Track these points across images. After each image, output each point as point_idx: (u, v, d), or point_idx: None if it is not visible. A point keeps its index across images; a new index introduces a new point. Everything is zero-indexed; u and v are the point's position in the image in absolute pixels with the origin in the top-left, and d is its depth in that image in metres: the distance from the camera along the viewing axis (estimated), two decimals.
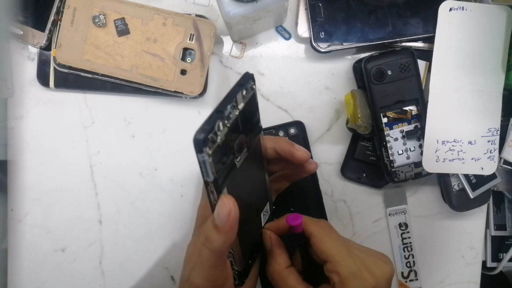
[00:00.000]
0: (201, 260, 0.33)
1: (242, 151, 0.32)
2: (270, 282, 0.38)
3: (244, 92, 0.31)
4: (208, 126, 0.27)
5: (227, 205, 0.29)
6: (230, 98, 0.29)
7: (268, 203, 0.39)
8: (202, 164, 0.28)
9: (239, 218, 0.31)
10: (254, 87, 0.32)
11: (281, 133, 0.49)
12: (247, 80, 0.31)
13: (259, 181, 0.37)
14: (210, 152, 0.27)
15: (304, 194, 0.49)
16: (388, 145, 0.46)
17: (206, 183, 0.29)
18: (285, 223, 0.37)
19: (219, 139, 0.28)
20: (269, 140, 0.37)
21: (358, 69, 0.47)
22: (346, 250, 0.35)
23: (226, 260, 0.34)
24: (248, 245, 0.37)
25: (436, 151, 0.46)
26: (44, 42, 0.47)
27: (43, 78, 0.48)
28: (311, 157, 0.37)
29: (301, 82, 0.50)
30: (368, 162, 0.49)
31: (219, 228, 0.30)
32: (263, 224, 0.39)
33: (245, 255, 0.36)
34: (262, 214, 0.38)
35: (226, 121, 0.29)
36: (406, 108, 0.47)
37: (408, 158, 0.47)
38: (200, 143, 0.27)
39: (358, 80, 0.48)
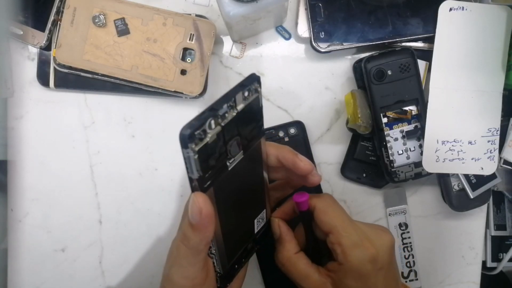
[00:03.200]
0: (179, 257, 0.33)
1: (236, 153, 0.31)
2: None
3: (246, 93, 0.30)
4: (198, 123, 0.27)
5: (197, 203, 0.29)
6: (228, 97, 0.29)
7: (264, 210, 0.38)
8: (186, 160, 0.27)
9: (218, 218, 0.31)
10: (259, 89, 0.31)
11: (281, 133, 0.49)
12: (251, 81, 0.30)
13: (255, 187, 0.36)
14: (196, 149, 0.27)
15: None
16: (388, 145, 0.46)
17: (190, 180, 0.29)
18: (290, 207, 0.39)
19: (208, 137, 0.27)
20: (272, 147, 0.37)
21: (358, 69, 0.47)
22: (349, 221, 0.36)
23: (207, 259, 0.34)
24: (235, 249, 0.37)
25: (436, 151, 0.46)
26: (44, 42, 0.47)
27: (43, 78, 0.48)
28: (315, 168, 0.37)
29: (301, 82, 0.50)
30: (368, 162, 0.49)
31: (194, 226, 0.30)
32: (255, 230, 0.38)
33: (230, 258, 0.36)
34: (256, 221, 0.38)
35: (220, 120, 0.28)
36: (406, 108, 0.47)
37: (408, 158, 0.47)
38: (185, 139, 0.26)
39: (358, 80, 0.48)
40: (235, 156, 0.31)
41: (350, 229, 0.36)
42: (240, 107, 0.29)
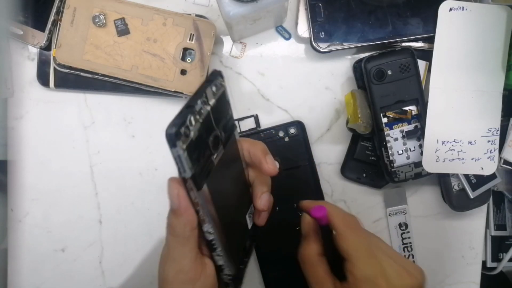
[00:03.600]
0: (170, 250, 0.33)
1: (218, 148, 0.31)
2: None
3: (214, 89, 0.30)
4: (180, 120, 0.27)
5: (173, 188, 0.30)
6: (200, 93, 0.29)
7: (252, 205, 0.38)
8: (177, 159, 0.28)
9: (217, 216, 0.31)
10: (223, 83, 0.32)
11: (281, 133, 0.49)
12: (215, 76, 0.31)
13: (240, 181, 0.36)
14: (184, 146, 0.27)
15: (306, 194, 0.49)
16: (388, 145, 0.46)
17: (184, 180, 0.29)
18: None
19: (192, 134, 0.28)
20: (246, 142, 0.36)
21: (358, 69, 0.47)
22: (366, 252, 0.34)
23: (199, 253, 0.33)
24: (237, 249, 0.36)
25: (436, 151, 0.46)
26: (44, 42, 0.47)
27: (43, 78, 0.48)
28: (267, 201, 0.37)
29: (301, 82, 0.50)
30: (368, 162, 0.49)
31: (175, 211, 0.31)
32: (249, 226, 0.38)
33: (235, 259, 0.36)
34: (247, 217, 0.38)
35: (197, 116, 0.28)
36: (406, 108, 0.47)
37: (408, 158, 0.47)
38: (172, 137, 0.26)
39: (358, 80, 0.48)
40: (217, 151, 0.31)
41: (366, 261, 0.34)
42: (212, 102, 0.30)
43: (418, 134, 0.47)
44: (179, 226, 0.31)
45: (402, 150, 0.47)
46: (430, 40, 0.47)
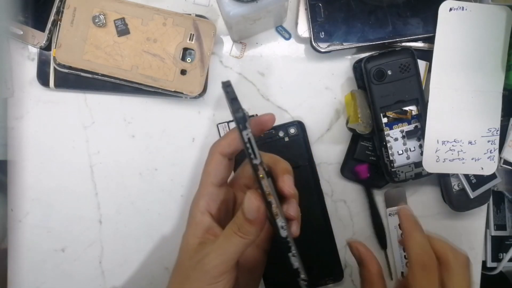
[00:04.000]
0: (228, 245, 0.33)
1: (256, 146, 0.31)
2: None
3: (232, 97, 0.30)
4: (238, 106, 0.27)
5: (254, 202, 0.31)
6: (232, 92, 0.29)
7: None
8: (249, 142, 0.27)
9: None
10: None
11: (281, 133, 0.49)
12: (228, 84, 0.30)
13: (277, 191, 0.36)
14: (250, 130, 0.27)
15: (306, 194, 0.49)
16: (388, 145, 0.46)
17: (255, 168, 0.29)
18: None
19: (247, 123, 0.27)
20: (266, 156, 0.37)
21: (358, 69, 0.47)
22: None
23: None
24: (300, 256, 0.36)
25: (436, 151, 0.46)
26: (44, 42, 0.47)
27: (43, 78, 0.48)
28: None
29: (301, 82, 0.50)
30: (368, 162, 0.49)
31: (252, 221, 0.32)
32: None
33: (303, 266, 0.35)
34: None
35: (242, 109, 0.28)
36: (406, 108, 0.47)
37: (408, 158, 0.47)
38: (242, 120, 0.26)
39: (358, 80, 0.48)
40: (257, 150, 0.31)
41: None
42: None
43: (418, 134, 0.47)
44: (254, 234, 0.33)
45: (402, 150, 0.47)
46: (430, 40, 0.47)
